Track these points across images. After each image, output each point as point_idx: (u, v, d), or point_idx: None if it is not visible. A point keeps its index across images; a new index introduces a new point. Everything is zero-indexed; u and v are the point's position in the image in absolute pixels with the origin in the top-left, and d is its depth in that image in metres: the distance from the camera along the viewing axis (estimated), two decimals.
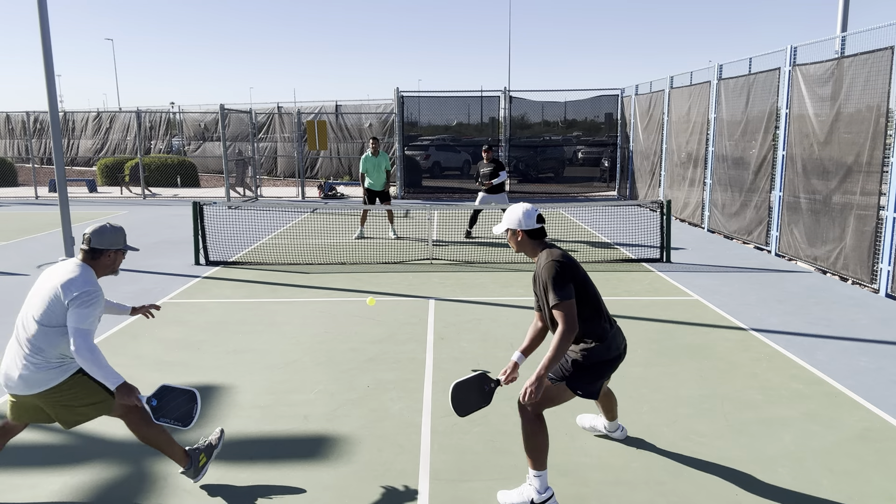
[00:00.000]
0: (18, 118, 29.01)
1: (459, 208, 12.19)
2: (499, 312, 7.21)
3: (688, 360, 5.72)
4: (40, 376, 3.32)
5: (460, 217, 14.23)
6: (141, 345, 6.17)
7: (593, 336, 3.55)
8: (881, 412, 4.68)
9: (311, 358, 5.81)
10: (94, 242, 3.45)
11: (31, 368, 3.31)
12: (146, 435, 3.58)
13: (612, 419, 4.21)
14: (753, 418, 4.60)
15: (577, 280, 3.47)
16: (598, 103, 19.52)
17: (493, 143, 18.91)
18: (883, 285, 7.84)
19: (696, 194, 13.38)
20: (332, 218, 14.38)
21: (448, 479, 3.86)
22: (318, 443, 4.29)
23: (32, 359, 3.31)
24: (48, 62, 9.15)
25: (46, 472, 3.94)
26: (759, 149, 10.79)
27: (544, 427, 3.56)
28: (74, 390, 3.41)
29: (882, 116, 7.85)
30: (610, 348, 3.57)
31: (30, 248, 11.14)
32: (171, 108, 29.55)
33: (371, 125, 22.59)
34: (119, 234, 3.54)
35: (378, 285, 8.47)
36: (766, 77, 10.52)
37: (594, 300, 3.55)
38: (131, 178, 21.57)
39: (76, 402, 3.43)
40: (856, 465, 3.97)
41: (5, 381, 3.38)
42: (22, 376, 3.32)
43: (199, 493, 3.72)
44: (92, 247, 3.45)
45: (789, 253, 9.93)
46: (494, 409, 4.75)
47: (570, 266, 3.48)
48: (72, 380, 3.40)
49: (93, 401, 3.46)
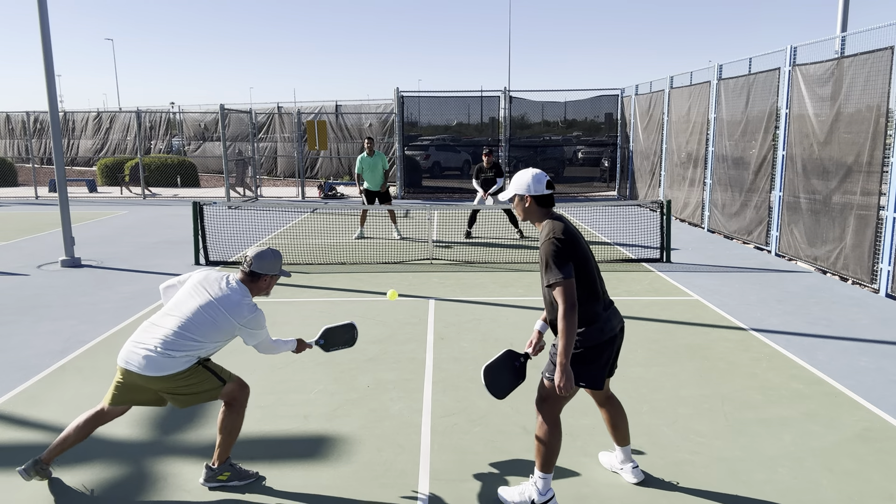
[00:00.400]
0: (18, 118, 29.02)
1: (459, 208, 12.19)
2: (499, 312, 7.21)
3: (688, 360, 5.72)
4: (167, 363, 3.51)
5: (460, 217, 14.23)
6: None
7: (584, 321, 3.38)
8: (881, 412, 4.68)
9: (311, 358, 5.81)
10: (255, 266, 3.73)
11: (161, 355, 3.50)
12: (235, 423, 3.73)
13: (621, 443, 3.82)
14: (753, 418, 4.60)
15: (577, 259, 3.34)
16: (598, 103, 19.52)
17: (493, 144, 18.91)
18: (883, 285, 7.84)
19: (696, 194, 13.38)
20: (332, 218, 14.38)
21: (448, 479, 3.85)
22: (318, 443, 4.29)
23: (166, 349, 3.51)
24: (48, 62, 9.15)
25: None
26: (759, 149, 10.79)
27: (559, 432, 3.51)
28: (192, 379, 3.60)
29: (882, 116, 7.85)
30: (603, 330, 3.43)
31: (30, 248, 11.14)
32: (171, 108, 29.57)
33: (371, 125, 22.59)
34: (278, 261, 3.82)
35: (378, 285, 8.47)
36: (766, 77, 10.52)
37: (590, 282, 3.40)
38: (131, 178, 21.57)
39: (192, 390, 3.63)
40: (856, 465, 3.97)
41: (127, 358, 3.57)
42: (148, 357, 3.50)
43: (199, 494, 3.72)
44: (252, 270, 3.72)
45: (789, 253, 9.93)
46: (494, 408, 4.76)
47: (571, 243, 3.34)
48: (191, 369, 3.60)
49: (207, 388, 3.66)
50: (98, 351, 6.02)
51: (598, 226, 13.50)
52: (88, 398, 4.96)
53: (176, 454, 4.15)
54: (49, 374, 5.46)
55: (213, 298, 3.61)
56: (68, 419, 4.59)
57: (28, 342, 6.25)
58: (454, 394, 5.03)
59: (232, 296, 3.64)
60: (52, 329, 6.65)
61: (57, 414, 4.70)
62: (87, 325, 6.77)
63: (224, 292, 3.64)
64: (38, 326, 6.75)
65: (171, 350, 3.50)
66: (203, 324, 3.55)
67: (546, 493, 3.51)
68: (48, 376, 5.40)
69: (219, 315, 3.58)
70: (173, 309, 3.63)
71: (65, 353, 5.96)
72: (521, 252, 10.61)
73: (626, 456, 3.83)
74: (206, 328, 3.55)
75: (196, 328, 3.54)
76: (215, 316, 3.58)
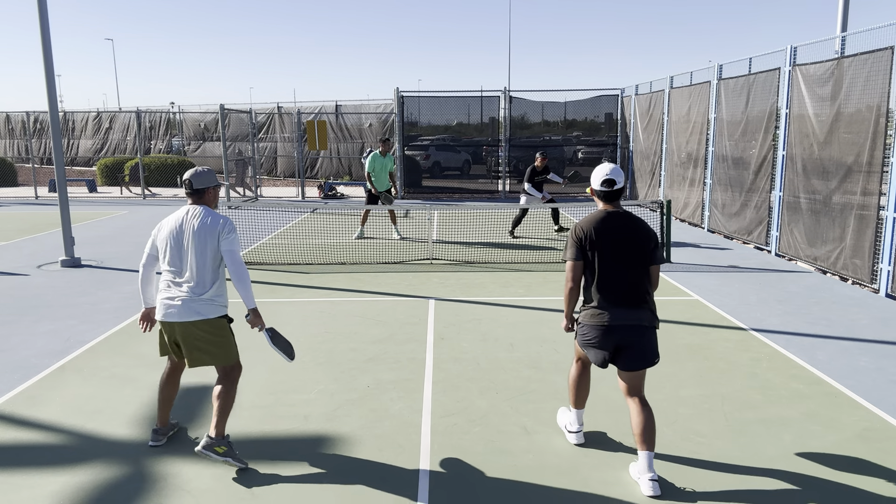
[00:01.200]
0: (18, 118, 29.02)
1: (459, 208, 12.19)
2: (499, 312, 7.21)
3: (688, 360, 5.72)
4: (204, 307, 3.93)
5: (460, 217, 14.24)
6: (141, 345, 6.17)
7: (585, 299, 3.83)
8: (881, 412, 4.68)
9: (311, 358, 5.81)
10: (196, 185, 4.05)
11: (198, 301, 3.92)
12: (230, 392, 4.05)
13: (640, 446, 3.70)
14: (753, 418, 4.60)
15: (589, 245, 3.70)
16: (598, 103, 19.52)
17: (493, 144, 18.89)
18: (883, 285, 7.84)
19: (696, 194, 13.38)
20: (332, 218, 14.38)
21: (448, 479, 3.85)
22: (318, 443, 4.29)
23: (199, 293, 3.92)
24: (48, 62, 9.15)
25: (46, 472, 3.94)
26: (759, 149, 10.79)
27: (579, 372, 4.08)
28: (220, 335, 4.01)
29: (882, 116, 7.84)
30: (593, 316, 3.73)
31: (30, 248, 11.14)
32: (171, 108, 29.56)
33: (371, 125, 22.59)
34: (212, 173, 4.16)
35: (378, 285, 8.47)
36: (766, 77, 10.52)
37: (597, 273, 3.71)
38: (131, 178, 21.57)
39: (214, 346, 4.00)
40: (856, 465, 3.97)
41: (166, 312, 3.97)
42: (187, 306, 3.91)
43: (199, 494, 3.72)
44: (195, 189, 4.05)
45: (789, 253, 9.93)
46: (494, 408, 4.76)
47: (585, 231, 3.72)
48: (223, 324, 4.02)
49: (225, 350, 4.05)
50: (98, 351, 6.02)
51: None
52: (88, 398, 4.96)
53: (176, 454, 4.15)
54: (49, 374, 5.46)
55: (194, 231, 3.96)
56: (68, 419, 4.60)
57: (28, 342, 6.25)
58: (454, 394, 5.03)
59: (202, 219, 3.99)
60: (52, 329, 6.65)
61: (57, 414, 4.69)
62: (87, 325, 6.77)
63: (196, 220, 3.99)
64: (38, 326, 6.75)
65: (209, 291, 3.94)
66: (202, 253, 3.93)
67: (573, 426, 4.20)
68: (48, 376, 5.40)
69: (207, 236, 3.95)
70: (173, 262, 3.99)
71: (65, 353, 5.96)
72: (521, 252, 10.61)
73: (644, 465, 3.68)
74: (205, 255, 3.94)
75: (207, 259, 3.94)
76: (204, 241, 3.94)
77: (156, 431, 4.24)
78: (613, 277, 3.68)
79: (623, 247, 3.68)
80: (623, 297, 3.70)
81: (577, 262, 3.73)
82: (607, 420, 4.56)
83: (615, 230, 3.69)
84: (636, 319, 3.69)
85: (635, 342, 3.70)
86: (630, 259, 3.68)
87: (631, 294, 3.69)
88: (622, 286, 3.69)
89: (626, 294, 3.69)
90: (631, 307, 3.70)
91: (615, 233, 3.69)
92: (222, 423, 3.97)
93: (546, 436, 4.36)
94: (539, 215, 14.67)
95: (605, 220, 3.71)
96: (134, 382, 5.27)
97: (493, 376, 5.37)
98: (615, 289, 3.69)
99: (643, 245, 3.70)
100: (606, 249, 3.67)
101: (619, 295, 3.69)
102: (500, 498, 3.67)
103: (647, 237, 3.72)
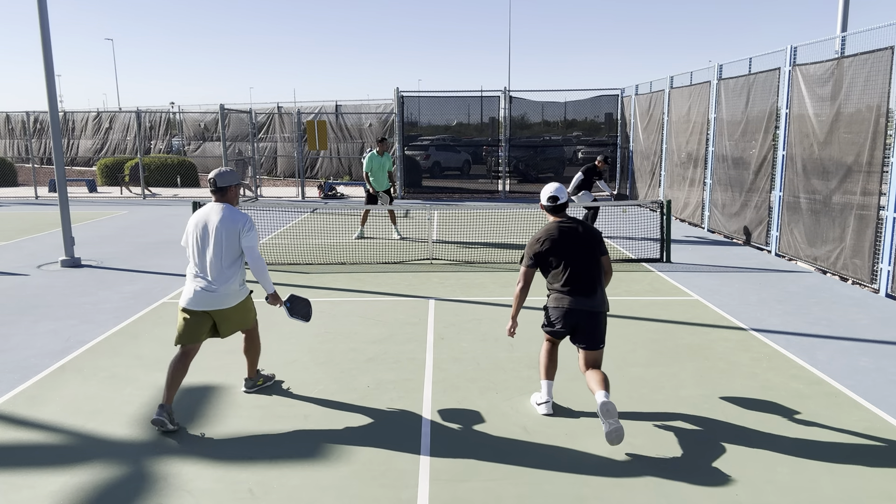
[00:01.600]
0: (18, 118, 29.02)
1: (459, 208, 12.19)
2: (499, 312, 7.21)
3: (688, 360, 5.72)
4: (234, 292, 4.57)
5: (460, 217, 14.24)
6: (141, 345, 6.17)
7: (551, 290, 4.57)
8: (881, 412, 4.68)
9: (311, 358, 5.81)
10: (220, 183, 4.56)
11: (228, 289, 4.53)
12: (254, 344, 4.95)
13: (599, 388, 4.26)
14: (753, 418, 4.60)
15: (547, 251, 4.50)
16: (598, 103, 19.51)
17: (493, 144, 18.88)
18: (883, 285, 7.84)
19: (696, 194, 13.38)
20: (332, 218, 14.38)
21: (448, 479, 3.86)
22: (318, 443, 4.29)
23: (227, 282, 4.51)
24: (48, 62, 9.15)
25: (46, 472, 3.94)
26: (759, 149, 10.79)
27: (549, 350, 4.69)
28: (245, 306, 4.73)
29: (882, 116, 7.85)
30: (558, 301, 4.50)
31: (30, 248, 11.14)
32: (171, 108, 29.57)
33: (371, 125, 22.59)
34: (234, 173, 4.68)
35: (378, 285, 8.47)
36: (766, 77, 10.52)
37: (555, 268, 4.51)
38: (131, 178, 21.57)
39: (242, 317, 4.72)
40: (856, 465, 3.98)
41: (199, 301, 4.50)
42: (221, 295, 4.50)
43: (199, 494, 3.72)
44: (219, 187, 4.56)
45: (789, 253, 9.93)
46: (494, 408, 4.76)
47: (540, 241, 4.53)
48: (247, 298, 4.74)
49: (249, 318, 4.82)
50: (98, 351, 6.02)
51: (599, 226, 13.50)
52: (88, 398, 4.96)
53: (176, 454, 4.15)
54: (49, 374, 5.46)
55: (217, 225, 4.47)
56: (68, 419, 4.60)
57: (28, 342, 6.25)
58: (454, 394, 5.03)
59: (225, 214, 4.51)
60: (52, 329, 6.65)
61: (57, 414, 4.70)
62: (87, 325, 6.77)
63: (219, 216, 4.50)
64: (38, 326, 6.75)
65: (230, 282, 4.51)
66: (228, 247, 4.48)
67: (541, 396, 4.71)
68: (48, 376, 5.40)
69: (229, 231, 4.48)
70: (201, 255, 4.51)
71: (65, 353, 5.96)
72: (521, 252, 10.60)
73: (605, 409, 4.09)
74: (230, 246, 4.48)
75: (230, 251, 4.49)
76: (229, 232, 4.47)
77: (162, 407, 4.43)
78: (570, 272, 4.45)
79: (574, 247, 4.49)
80: (579, 287, 4.45)
81: (531, 270, 4.57)
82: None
83: (566, 234, 4.51)
84: (590, 306, 4.44)
85: (588, 325, 4.45)
86: (581, 255, 4.48)
87: (586, 284, 4.44)
88: (578, 278, 4.45)
89: (581, 284, 4.44)
90: (586, 295, 4.44)
91: (566, 236, 4.50)
92: (254, 367, 5.03)
93: (546, 436, 4.36)
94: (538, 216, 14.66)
95: (557, 229, 4.53)
96: (134, 382, 5.27)
97: (493, 376, 5.37)
98: (572, 280, 4.45)
99: (589, 242, 4.51)
100: (562, 251, 4.48)
101: (575, 285, 4.45)
102: (500, 498, 3.67)
103: (592, 235, 4.55)
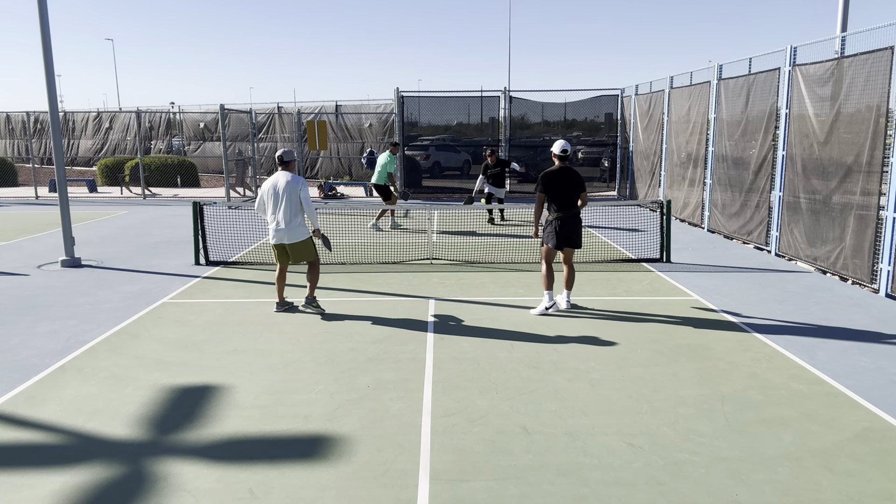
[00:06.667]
0: (18, 118, 29.00)
1: (459, 208, 12.18)
2: (499, 312, 7.21)
3: (688, 360, 5.72)
4: (300, 231, 7.01)
5: (460, 217, 14.24)
6: (141, 345, 6.18)
7: (550, 211, 7.19)
8: (881, 412, 4.68)
9: (311, 358, 5.81)
10: (286, 158, 7.04)
11: (297, 227, 6.99)
12: (315, 272, 7.20)
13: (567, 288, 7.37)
14: (753, 418, 4.61)
15: (549, 185, 7.07)
16: (597, 103, 19.51)
17: (493, 144, 18.89)
18: (883, 285, 7.84)
19: (696, 194, 13.38)
20: (332, 218, 14.37)
21: (448, 479, 3.86)
22: (318, 443, 4.29)
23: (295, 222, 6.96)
24: (48, 62, 9.15)
25: (46, 472, 3.94)
26: (759, 149, 10.79)
27: (548, 267, 7.22)
28: (308, 244, 7.12)
29: (882, 116, 7.84)
30: (555, 216, 7.12)
31: (30, 248, 11.14)
32: (171, 108, 29.55)
33: (371, 125, 22.59)
34: (293, 151, 7.28)
35: (378, 285, 8.47)
36: (766, 77, 10.52)
37: (553, 198, 7.09)
38: (131, 178, 21.57)
39: (306, 250, 7.10)
40: (856, 465, 3.98)
41: (279, 238, 7.01)
42: (291, 232, 6.97)
43: (199, 494, 3.72)
44: (285, 160, 7.04)
45: (789, 253, 9.93)
46: (494, 408, 4.76)
47: (545, 177, 7.08)
48: (310, 238, 7.11)
49: (312, 252, 7.16)
50: (98, 351, 6.02)
51: (599, 226, 13.49)
52: (88, 398, 4.97)
53: (176, 454, 4.15)
54: (49, 374, 5.46)
55: (287, 184, 6.91)
56: (68, 419, 4.60)
57: (28, 342, 6.26)
58: (454, 394, 5.03)
59: (290, 179, 6.95)
60: (52, 329, 6.65)
61: (57, 414, 4.70)
62: (87, 325, 6.78)
63: (286, 179, 6.93)
64: (38, 326, 6.75)
65: (297, 222, 6.95)
66: (291, 198, 6.91)
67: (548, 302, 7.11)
68: (48, 376, 5.40)
69: (292, 189, 6.91)
70: (275, 207, 6.94)
71: (65, 353, 5.96)
72: (521, 252, 10.61)
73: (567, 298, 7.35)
74: (293, 199, 6.91)
75: (293, 203, 6.91)
76: (292, 190, 6.91)
77: (278, 304, 7.23)
78: (563, 198, 7.08)
79: (567, 184, 7.09)
80: (567, 207, 7.10)
81: (542, 194, 7.10)
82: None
83: (563, 174, 7.10)
84: (571, 213, 7.11)
85: (573, 228, 7.15)
86: (570, 189, 7.09)
87: (571, 205, 7.10)
88: (567, 202, 7.09)
89: (568, 206, 7.10)
90: (570, 209, 7.11)
91: (563, 175, 7.10)
92: (312, 290, 7.17)
93: (546, 436, 4.36)
94: None
95: (559, 171, 7.11)
96: (134, 382, 5.27)
97: (493, 376, 5.37)
98: (563, 204, 7.08)
99: (576, 182, 7.10)
100: (559, 185, 7.07)
101: (565, 206, 7.09)
102: (500, 498, 3.67)
103: (579, 178, 7.13)
